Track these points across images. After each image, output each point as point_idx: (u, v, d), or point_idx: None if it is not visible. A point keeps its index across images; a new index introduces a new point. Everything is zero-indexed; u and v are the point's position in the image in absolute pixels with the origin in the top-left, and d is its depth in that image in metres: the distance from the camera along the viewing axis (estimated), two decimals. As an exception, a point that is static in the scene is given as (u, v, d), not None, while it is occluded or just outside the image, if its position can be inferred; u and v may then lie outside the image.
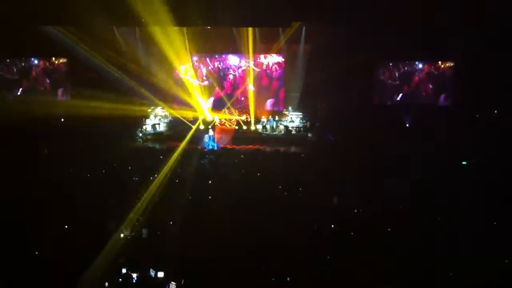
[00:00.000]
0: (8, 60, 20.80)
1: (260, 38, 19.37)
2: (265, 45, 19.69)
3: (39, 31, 17.76)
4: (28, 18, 16.58)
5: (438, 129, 17.65)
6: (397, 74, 19.27)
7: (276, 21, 17.05)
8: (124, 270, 7.79)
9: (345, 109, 17.56)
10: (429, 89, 19.14)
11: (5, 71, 20.83)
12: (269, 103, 20.52)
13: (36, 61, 20.91)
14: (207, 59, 20.44)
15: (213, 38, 19.44)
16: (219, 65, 20.57)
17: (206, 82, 20.53)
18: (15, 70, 20.87)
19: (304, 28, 18.55)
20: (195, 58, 20.43)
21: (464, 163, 14.95)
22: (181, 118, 19.78)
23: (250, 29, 18.89)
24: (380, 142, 15.76)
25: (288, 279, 7.47)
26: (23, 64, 20.92)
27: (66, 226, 9.35)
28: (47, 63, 20.83)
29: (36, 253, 8.29)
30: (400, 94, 19.30)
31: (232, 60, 20.44)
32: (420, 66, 19.12)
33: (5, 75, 20.80)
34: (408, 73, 19.21)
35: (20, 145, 15.09)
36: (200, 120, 19.97)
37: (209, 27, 18.79)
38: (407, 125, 18.92)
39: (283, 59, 20.00)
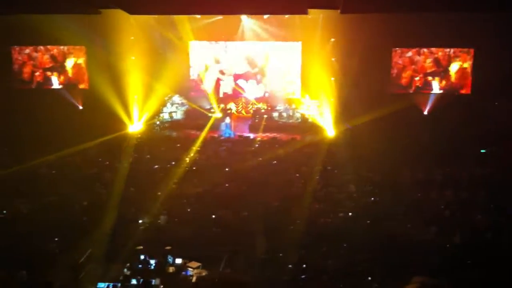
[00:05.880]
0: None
1: (277, 26, 19.22)
2: (282, 33, 19.49)
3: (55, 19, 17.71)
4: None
5: (456, 117, 17.40)
6: (415, 62, 19.00)
7: (293, 9, 16.87)
8: (142, 257, 7.97)
9: (362, 97, 17.43)
10: (448, 77, 18.84)
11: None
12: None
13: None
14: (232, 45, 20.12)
15: (228, 26, 19.25)
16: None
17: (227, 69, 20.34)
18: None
19: (321, 16, 18.33)
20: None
21: (482, 150, 14.80)
22: (197, 108, 19.82)
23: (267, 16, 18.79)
24: (397, 130, 15.66)
25: (304, 266, 7.58)
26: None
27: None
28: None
29: (56, 239, 8.53)
30: (419, 82, 19.04)
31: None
32: (439, 53, 18.80)
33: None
34: (428, 60, 18.91)
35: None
36: (219, 109, 19.88)
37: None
38: (425, 113, 18.71)
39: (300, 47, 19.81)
